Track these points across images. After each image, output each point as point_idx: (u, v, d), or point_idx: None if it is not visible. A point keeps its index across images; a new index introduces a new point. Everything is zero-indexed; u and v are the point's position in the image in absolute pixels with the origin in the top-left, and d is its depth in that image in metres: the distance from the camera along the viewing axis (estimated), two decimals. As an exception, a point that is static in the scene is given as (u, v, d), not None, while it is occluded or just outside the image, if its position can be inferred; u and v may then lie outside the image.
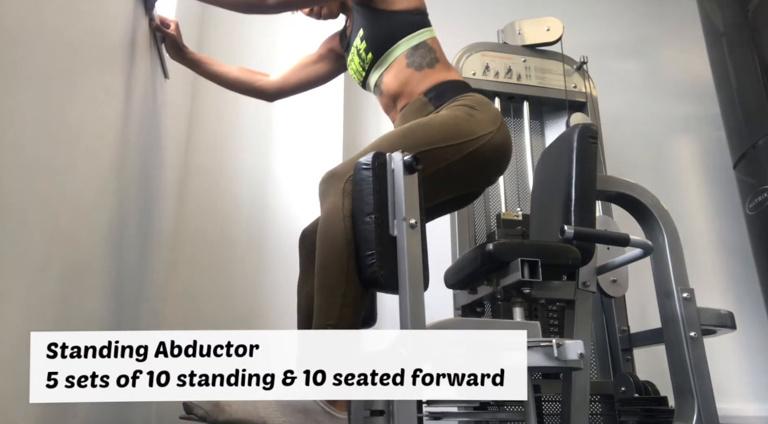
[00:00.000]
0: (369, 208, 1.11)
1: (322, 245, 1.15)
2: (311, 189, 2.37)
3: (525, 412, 1.16)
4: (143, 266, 1.63)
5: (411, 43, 1.44)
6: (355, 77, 1.58)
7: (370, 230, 1.10)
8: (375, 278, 1.08)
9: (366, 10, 1.47)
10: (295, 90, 1.71)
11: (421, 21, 1.48)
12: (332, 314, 1.09)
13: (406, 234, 1.06)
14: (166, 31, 1.59)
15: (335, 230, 1.14)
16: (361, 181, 1.14)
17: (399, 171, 1.10)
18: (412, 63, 1.43)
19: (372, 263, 1.08)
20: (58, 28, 0.90)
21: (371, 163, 1.13)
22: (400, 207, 1.08)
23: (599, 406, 2.06)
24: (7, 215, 0.76)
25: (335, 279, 1.11)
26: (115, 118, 1.24)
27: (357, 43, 1.50)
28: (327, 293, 1.12)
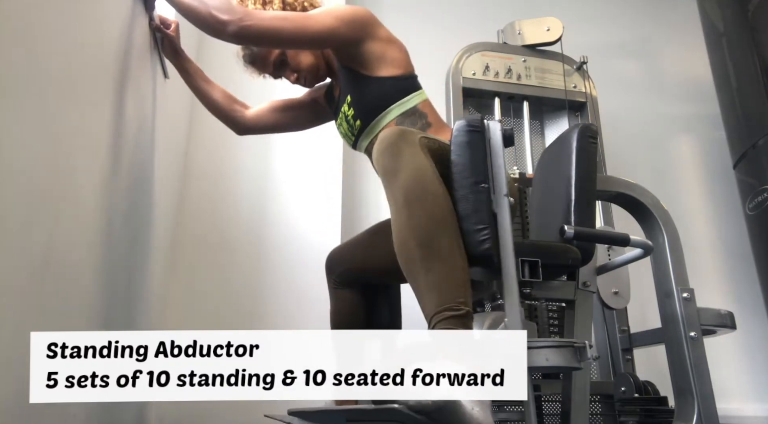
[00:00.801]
0: (480, 175, 0.99)
1: (426, 211, 0.98)
2: (311, 190, 2.39)
3: (525, 412, 1.15)
4: (143, 267, 1.63)
5: (401, 109, 1.39)
6: (344, 140, 1.55)
7: (481, 200, 0.98)
8: (489, 255, 0.97)
9: (352, 75, 1.41)
10: (267, 130, 1.69)
11: (411, 85, 1.42)
12: (461, 292, 0.95)
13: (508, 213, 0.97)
14: (166, 31, 1.59)
15: (437, 193, 0.99)
16: (468, 144, 1.00)
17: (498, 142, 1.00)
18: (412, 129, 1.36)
19: (486, 239, 0.97)
20: (57, 28, 0.90)
21: (479, 125, 1.01)
22: (501, 181, 0.98)
23: (599, 406, 2.06)
24: (7, 215, 0.76)
25: (451, 249, 0.97)
26: (114, 119, 1.24)
27: (345, 108, 1.45)
28: (448, 267, 0.96)
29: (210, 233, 2.25)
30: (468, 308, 0.94)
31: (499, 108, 2.46)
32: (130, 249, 1.44)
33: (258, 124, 1.66)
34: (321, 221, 2.33)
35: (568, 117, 2.52)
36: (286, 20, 1.32)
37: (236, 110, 1.66)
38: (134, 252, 1.50)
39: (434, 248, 0.96)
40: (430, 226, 0.97)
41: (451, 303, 0.94)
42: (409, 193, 0.99)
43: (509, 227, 0.98)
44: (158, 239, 1.85)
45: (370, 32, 1.39)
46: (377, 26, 1.41)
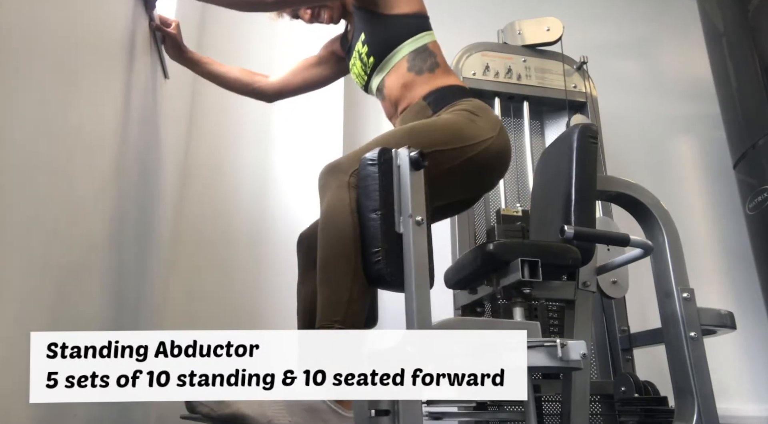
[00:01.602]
0: (375, 204, 1.10)
1: (328, 240, 1.12)
2: (311, 189, 2.38)
3: (525, 412, 1.16)
4: (143, 266, 1.63)
5: (412, 46, 1.44)
6: (357, 81, 1.58)
7: (376, 226, 1.09)
8: (381, 275, 1.07)
9: (367, 14, 1.47)
10: (296, 92, 1.71)
11: (423, 24, 1.47)
12: (339, 310, 1.07)
13: (413, 231, 1.05)
14: (167, 30, 1.59)
15: (342, 224, 1.11)
16: (366, 177, 1.12)
17: (405, 167, 1.09)
18: (413, 67, 1.43)
19: (378, 260, 1.07)
20: (58, 28, 0.90)
21: (377, 158, 1.12)
22: (406, 204, 1.07)
23: (599, 406, 2.06)
24: (7, 215, 0.76)
25: (342, 274, 1.09)
26: (114, 118, 1.24)
27: (359, 47, 1.50)
28: (333, 288, 1.09)
29: (210, 232, 2.25)
30: (342, 325, 1.05)
31: (499, 108, 2.46)
32: (130, 248, 1.44)
33: (286, 87, 1.69)
34: (321, 221, 2.33)
35: (568, 117, 2.52)
36: None
37: (259, 81, 1.69)
38: (134, 251, 1.50)
39: (327, 270, 1.10)
40: (327, 252, 1.11)
41: (327, 321, 1.06)
42: (322, 224, 1.14)
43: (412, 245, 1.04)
44: (159, 237, 1.85)
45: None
46: None
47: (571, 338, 1.30)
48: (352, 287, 1.09)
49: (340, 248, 1.10)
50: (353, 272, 1.09)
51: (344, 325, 1.05)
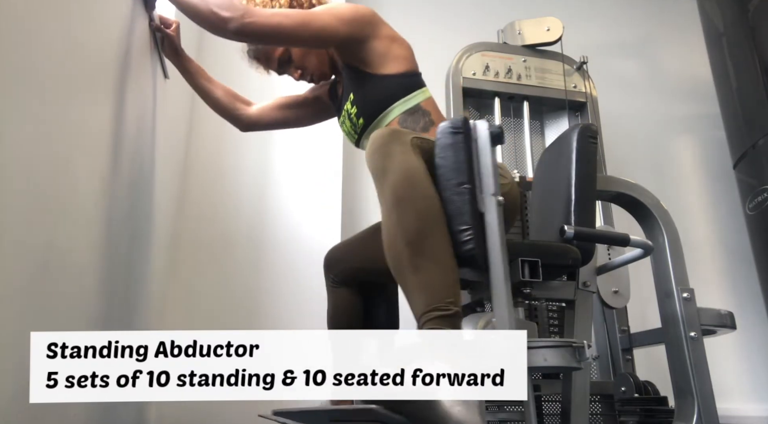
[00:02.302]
0: (462, 177, 1.00)
1: (416, 210, 0.98)
2: (311, 189, 2.39)
3: (525, 412, 1.15)
4: (143, 267, 1.63)
5: (404, 107, 1.37)
6: (348, 138, 1.54)
7: (464, 201, 0.99)
8: (472, 256, 0.98)
9: (355, 74, 1.41)
10: (270, 127, 1.69)
11: (414, 83, 1.41)
12: (451, 291, 0.95)
13: (497, 212, 0.98)
14: (166, 31, 1.59)
15: (427, 193, 0.99)
16: (450, 146, 1.02)
17: (485, 141, 1.01)
18: (405, 129, 1.34)
19: (469, 239, 0.98)
20: (57, 28, 0.90)
21: (461, 126, 1.02)
22: (488, 181, 0.99)
23: (599, 406, 2.06)
24: (7, 215, 0.76)
25: (440, 249, 0.97)
26: (114, 118, 1.24)
27: (348, 106, 1.45)
28: (438, 267, 0.96)
29: (210, 233, 2.25)
30: (457, 307, 0.94)
31: (499, 108, 2.46)
32: (130, 249, 1.44)
33: (261, 121, 1.67)
34: (321, 221, 2.33)
35: (568, 117, 2.52)
36: (287, 17, 1.32)
37: (239, 108, 1.66)
38: (134, 252, 1.50)
39: (422, 248, 0.96)
40: (418, 226, 0.97)
41: (440, 303, 0.93)
42: (399, 194, 0.99)
43: (497, 226, 0.98)
44: (158, 238, 1.85)
45: (372, 31, 1.38)
46: (380, 24, 1.41)
47: (571, 337, 1.30)
48: (454, 264, 0.98)
49: (433, 220, 0.98)
50: (447, 248, 0.98)
51: (459, 305, 0.94)
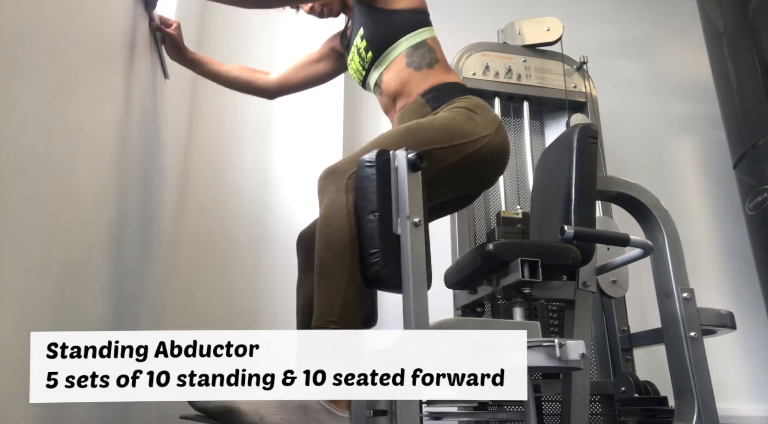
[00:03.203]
0: (372, 205, 1.11)
1: (324, 241, 1.13)
2: (311, 189, 2.38)
3: (525, 412, 1.16)
4: (143, 266, 1.63)
5: (411, 42, 1.43)
6: (355, 76, 1.58)
7: (373, 228, 1.09)
8: (379, 276, 1.07)
9: (366, 9, 1.47)
10: (297, 88, 1.72)
11: (422, 20, 1.47)
12: (334, 311, 1.08)
13: (410, 233, 1.05)
14: (167, 31, 1.59)
15: (339, 226, 1.12)
16: (364, 179, 1.13)
17: (403, 169, 1.10)
18: (411, 62, 1.42)
19: (376, 261, 1.08)
20: (58, 28, 0.90)
21: (375, 160, 1.13)
22: (404, 205, 1.08)
23: (599, 406, 2.06)
24: (7, 215, 0.76)
25: (338, 275, 1.10)
26: (115, 118, 1.24)
27: (357, 41, 1.50)
28: (328, 289, 1.10)
29: (210, 232, 2.25)
30: (336, 325, 1.06)
31: (499, 108, 2.46)
32: (130, 248, 1.44)
33: (287, 84, 1.69)
34: (321, 221, 2.33)
35: (568, 117, 2.52)
36: None
37: (260, 78, 1.70)
38: (135, 251, 1.50)
39: (323, 272, 1.11)
40: (324, 254, 1.12)
41: (322, 321, 1.07)
42: (320, 227, 1.15)
43: (410, 247, 1.05)
44: (159, 237, 1.85)
45: None
46: None
47: (571, 338, 1.30)
48: (348, 288, 1.09)
49: (337, 249, 1.11)
50: (349, 272, 1.10)
51: (338, 325, 1.06)
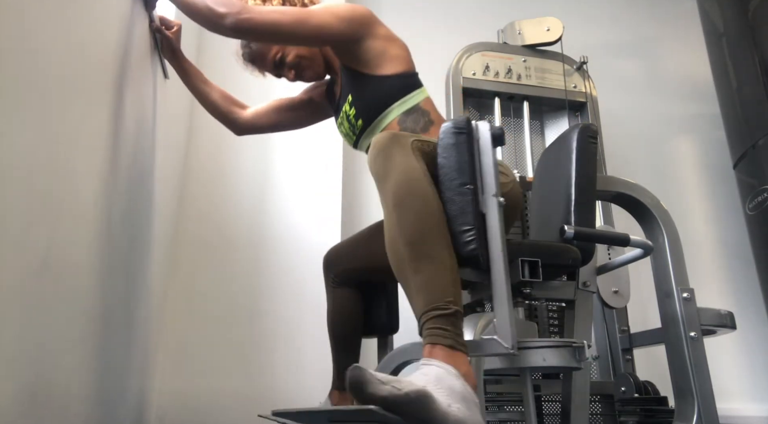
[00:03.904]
0: (465, 177, 1.00)
1: (414, 212, 0.98)
2: (311, 189, 2.39)
3: (525, 412, 1.16)
4: (143, 267, 1.63)
5: (403, 108, 1.38)
6: (345, 140, 1.54)
7: (466, 202, 0.99)
8: (475, 256, 0.98)
9: (353, 75, 1.41)
10: (264, 131, 1.69)
11: (412, 83, 1.41)
12: (449, 291, 0.94)
13: (498, 213, 0.98)
14: (166, 32, 1.59)
15: (427, 195, 0.99)
16: (453, 146, 1.02)
17: (486, 142, 1.01)
18: (404, 129, 1.36)
19: (471, 240, 0.98)
20: (57, 28, 0.90)
21: (464, 126, 1.03)
22: (490, 182, 0.99)
23: (599, 406, 2.06)
24: (7, 215, 0.76)
25: (440, 249, 0.97)
26: (114, 119, 1.24)
27: (346, 108, 1.45)
28: (437, 266, 0.95)
29: (210, 233, 2.25)
30: (457, 306, 0.93)
31: (499, 108, 2.46)
32: (130, 249, 1.44)
33: (256, 124, 1.67)
34: (321, 221, 2.33)
35: (568, 117, 2.52)
36: (284, 15, 1.32)
37: (234, 111, 1.66)
38: (134, 252, 1.50)
39: (422, 248, 0.96)
40: (418, 227, 0.97)
41: (439, 302, 0.93)
42: (399, 196, 0.99)
43: (498, 227, 0.99)
44: (158, 238, 1.85)
45: (369, 30, 1.39)
46: (376, 24, 1.41)
47: (571, 338, 1.30)
48: (452, 264, 0.97)
49: (433, 220, 0.98)
50: (448, 247, 0.98)
51: (458, 305, 0.94)
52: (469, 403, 0.84)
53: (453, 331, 0.91)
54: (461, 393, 0.84)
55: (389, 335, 1.55)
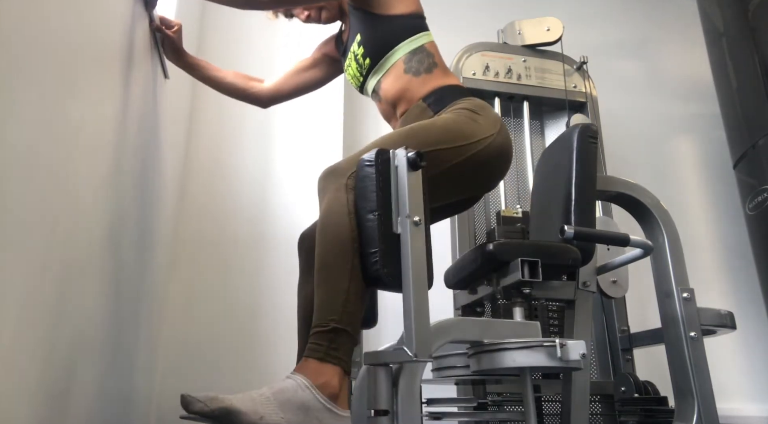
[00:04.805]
0: (372, 205, 1.10)
1: (325, 241, 1.12)
2: (311, 189, 2.39)
3: (525, 412, 1.16)
4: (143, 266, 1.63)
5: (409, 47, 1.43)
6: (352, 82, 1.57)
7: (373, 227, 1.09)
8: (378, 276, 1.07)
9: (363, 15, 1.46)
10: (290, 96, 1.71)
11: (419, 25, 1.46)
12: (335, 311, 1.07)
13: (410, 232, 1.04)
14: (167, 32, 1.59)
15: (339, 226, 1.11)
16: (364, 178, 1.12)
17: (403, 168, 1.09)
18: (409, 68, 1.42)
19: (375, 261, 1.07)
20: (58, 28, 0.90)
21: (374, 159, 1.12)
22: (404, 205, 1.07)
23: (599, 406, 2.06)
24: (7, 215, 0.76)
25: (338, 275, 1.09)
26: (114, 118, 1.24)
27: (354, 48, 1.49)
28: (330, 289, 1.09)
29: (211, 231, 2.25)
30: (336, 324, 1.05)
31: (499, 108, 2.46)
32: (130, 248, 1.44)
33: (280, 92, 1.69)
34: (321, 221, 2.33)
35: (568, 117, 2.52)
36: None
37: (254, 86, 1.69)
38: (134, 251, 1.50)
39: (324, 272, 1.10)
40: (325, 254, 1.11)
41: (322, 320, 1.06)
42: (320, 227, 1.14)
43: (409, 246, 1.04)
44: (159, 237, 1.85)
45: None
46: None
47: (571, 338, 1.30)
48: (348, 287, 1.08)
49: (337, 249, 1.10)
50: (350, 272, 1.09)
51: (340, 324, 1.05)
52: (309, 411, 0.97)
53: (327, 345, 1.04)
54: (301, 403, 0.97)
55: (369, 327, 1.55)
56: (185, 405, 0.95)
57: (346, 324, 1.06)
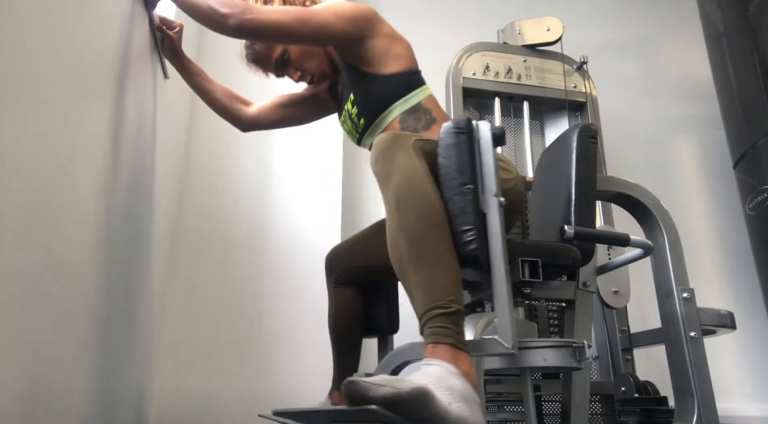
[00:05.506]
0: (466, 177, 1.00)
1: (418, 211, 0.97)
2: (311, 189, 2.39)
3: (525, 412, 1.16)
4: (143, 266, 1.63)
5: (405, 106, 1.38)
6: (349, 137, 1.55)
7: (467, 202, 0.99)
8: (475, 256, 0.98)
9: (355, 73, 1.41)
10: (271, 126, 1.69)
11: (414, 81, 1.41)
12: (449, 288, 0.94)
13: (498, 212, 0.98)
14: (167, 31, 1.59)
15: (426, 195, 0.99)
16: (453, 146, 1.02)
17: (487, 142, 1.01)
18: (406, 128, 1.36)
19: (471, 240, 0.97)
20: (57, 28, 0.90)
21: (465, 126, 1.02)
22: (490, 182, 0.99)
23: (599, 406, 2.06)
24: (7, 215, 0.76)
25: (441, 248, 0.96)
26: (114, 118, 1.24)
27: (348, 106, 1.45)
28: (437, 266, 0.95)
29: (210, 233, 2.25)
30: (458, 305, 0.93)
31: (499, 108, 2.46)
32: (130, 249, 1.44)
33: (261, 120, 1.67)
34: (321, 220, 2.33)
35: (568, 117, 2.52)
36: (286, 14, 1.32)
37: (239, 108, 1.67)
38: (134, 252, 1.50)
39: (424, 247, 0.96)
40: (419, 227, 0.97)
41: (441, 301, 0.92)
42: (400, 196, 0.99)
43: (498, 227, 0.98)
44: (158, 238, 1.85)
45: (371, 29, 1.39)
46: (379, 23, 1.41)
47: (571, 338, 1.30)
48: (453, 264, 0.97)
49: (435, 220, 0.97)
50: (449, 246, 0.97)
51: (459, 304, 0.93)
52: (470, 402, 0.83)
53: (455, 329, 0.91)
54: (462, 392, 0.83)
55: (389, 335, 1.55)
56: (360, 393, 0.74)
57: (462, 305, 0.94)
